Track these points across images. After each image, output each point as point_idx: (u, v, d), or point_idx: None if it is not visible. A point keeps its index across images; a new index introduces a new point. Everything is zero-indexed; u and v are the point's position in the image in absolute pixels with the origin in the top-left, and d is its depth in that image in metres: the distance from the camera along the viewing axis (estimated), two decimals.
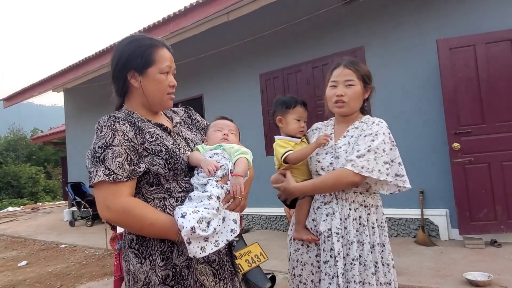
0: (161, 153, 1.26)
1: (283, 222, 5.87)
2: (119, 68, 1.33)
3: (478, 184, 4.08)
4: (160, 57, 1.33)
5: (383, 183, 1.62)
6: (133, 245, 1.27)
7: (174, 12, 5.71)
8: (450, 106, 4.19)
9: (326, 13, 5.04)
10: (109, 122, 1.23)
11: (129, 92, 1.37)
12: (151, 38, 1.38)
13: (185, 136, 1.43)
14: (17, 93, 9.68)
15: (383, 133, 1.62)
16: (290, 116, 1.82)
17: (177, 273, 1.24)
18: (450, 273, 3.33)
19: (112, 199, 1.17)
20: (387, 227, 1.69)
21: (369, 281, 1.55)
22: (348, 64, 1.71)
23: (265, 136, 6.06)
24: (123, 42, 1.37)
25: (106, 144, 1.19)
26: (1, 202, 20.22)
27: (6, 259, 6.17)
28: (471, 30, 4.23)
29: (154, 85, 1.32)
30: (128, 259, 1.29)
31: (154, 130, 1.32)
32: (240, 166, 1.28)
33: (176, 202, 1.27)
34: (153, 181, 1.26)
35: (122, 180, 1.17)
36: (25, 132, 34.10)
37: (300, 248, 1.77)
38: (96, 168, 1.17)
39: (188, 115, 1.61)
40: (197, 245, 1.10)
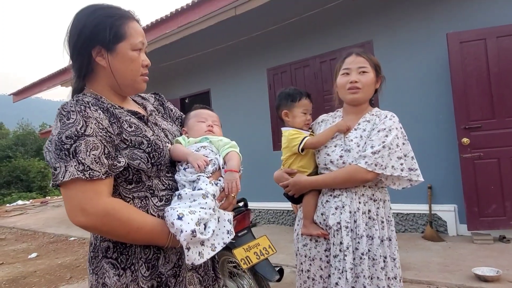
0: (142, 146, 1.07)
1: (290, 216, 5.88)
2: (81, 42, 1.08)
3: (487, 179, 4.04)
4: (132, 30, 1.11)
5: (395, 178, 1.61)
6: (109, 254, 1.07)
7: (182, 6, 5.71)
8: (459, 100, 4.15)
9: (335, 7, 5.00)
10: (78, 107, 1.00)
11: (93, 72, 1.13)
12: (120, 8, 1.15)
13: (162, 127, 1.25)
14: (26, 87, 9.78)
15: (396, 128, 1.61)
16: (297, 110, 1.81)
17: (163, 283, 1.09)
18: (459, 268, 3.31)
19: (89, 200, 0.95)
20: (394, 221, 1.68)
21: (378, 275, 1.54)
22: (361, 52, 1.71)
23: (272, 131, 6.05)
24: (86, 11, 1.11)
25: (77, 133, 0.96)
26: (11, 196, 20.52)
27: (16, 251, 6.27)
28: (481, 23, 4.17)
29: (125, 64, 1.11)
30: (102, 271, 1.06)
31: (130, 119, 1.12)
32: (234, 161, 1.17)
33: (160, 202, 1.11)
34: (133, 177, 1.08)
35: (100, 177, 0.96)
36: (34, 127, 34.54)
37: (308, 243, 1.75)
38: (65, 163, 0.94)
39: (160, 103, 1.40)
40: (195, 250, 0.97)
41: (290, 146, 1.77)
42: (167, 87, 7.69)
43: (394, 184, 1.63)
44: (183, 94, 7.55)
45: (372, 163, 1.53)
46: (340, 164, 1.65)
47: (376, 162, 1.53)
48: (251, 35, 5.98)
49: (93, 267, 1.10)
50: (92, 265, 1.11)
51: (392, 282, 1.57)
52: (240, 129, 6.27)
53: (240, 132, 6.12)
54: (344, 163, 1.63)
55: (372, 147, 1.56)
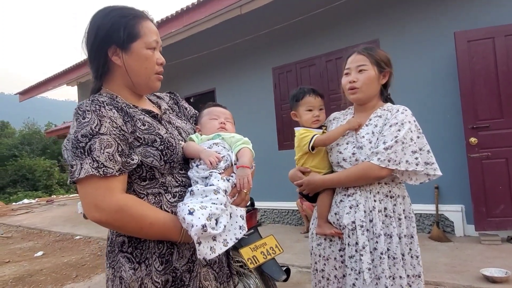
0: (155, 143, 1.10)
1: (295, 216, 5.86)
2: (97, 43, 1.13)
3: (495, 179, 4.00)
4: (146, 30, 1.14)
5: (411, 173, 1.56)
6: (124, 248, 1.10)
7: (187, 5, 5.71)
8: (467, 100, 4.11)
9: (340, 6, 4.98)
10: (93, 106, 1.04)
11: (109, 72, 1.17)
12: (134, 8, 1.18)
13: (176, 125, 1.27)
14: (32, 87, 9.85)
15: (409, 121, 1.57)
16: (301, 108, 1.81)
17: (178, 278, 1.10)
18: (466, 269, 3.28)
19: (103, 197, 0.98)
20: (414, 217, 1.63)
21: (400, 274, 1.49)
22: (362, 50, 1.68)
23: (277, 130, 6.03)
24: (101, 13, 1.15)
25: (92, 132, 1.00)
26: (17, 195, 20.69)
27: (23, 249, 6.31)
28: (489, 22, 4.13)
29: (139, 63, 1.14)
30: (119, 265, 1.10)
31: (144, 118, 1.15)
32: (245, 157, 1.18)
33: (173, 198, 1.13)
34: (146, 175, 1.10)
35: (114, 174, 1.00)
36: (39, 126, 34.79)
37: (322, 243, 1.72)
38: (81, 161, 0.98)
39: (174, 102, 1.43)
40: (207, 245, 0.98)
41: (301, 146, 1.75)
42: (172, 86, 7.70)
43: (411, 180, 1.58)
44: (188, 93, 7.56)
45: (385, 159, 1.50)
46: (353, 161, 1.62)
47: (389, 158, 1.50)
48: (256, 34, 5.96)
49: (110, 261, 1.14)
50: (109, 259, 1.15)
51: (414, 280, 1.53)
52: (245, 128, 6.22)
53: (245, 131, 6.01)
54: (357, 160, 1.60)
55: (385, 142, 1.53)
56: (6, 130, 33.08)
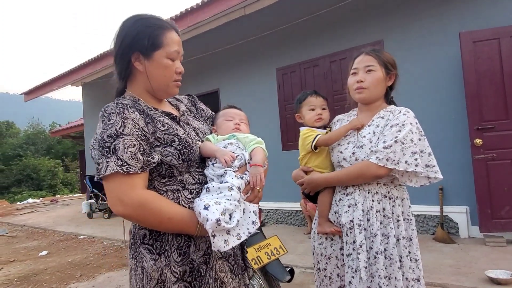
0: (174, 143, 1.18)
1: (298, 217, 5.86)
2: (123, 48, 1.22)
3: (501, 181, 3.97)
4: (168, 40, 1.22)
5: (411, 175, 1.56)
6: (146, 240, 1.18)
7: (192, 6, 5.73)
8: (472, 101, 4.09)
9: (344, 6, 4.97)
10: (117, 109, 1.13)
11: (132, 75, 1.26)
12: (160, 18, 1.26)
13: (194, 126, 1.35)
14: (37, 87, 9.90)
15: (410, 122, 1.58)
16: (304, 109, 1.86)
17: (195, 269, 1.17)
18: (471, 270, 3.27)
19: (126, 192, 1.07)
20: (414, 220, 1.63)
21: (395, 275, 1.50)
22: (370, 51, 1.70)
23: (281, 131, 6.04)
24: (130, 20, 1.24)
25: (116, 132, 1.09)
26: (21, 194, 20.83)
27: (27, 248, 6.34)
28: (495, 23, 4.11)
29: (159, 70, 1.22)
30: (141, 256, 1.18)
31: (163, 119, 1.23)
32: (258, 156, 1.25)
33: (190, 195, 1.20)
34: (166, 172, 1.18)
35: (136, 172, 1.08)
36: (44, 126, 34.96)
37: (324, 242, 1.74)
38: (107, 159, 1.07)
39: (192, 104, 1.52)
40: (221, 238, 1.05)
41: (304, 145, 1.78)
42: None
43: (411, 182, 1.58)
44: (192, 93, 7.57)
45: (383, 158, 1.51)
46: (353, 161, 1.63)
47: (387, 157, 1.50)
48: (260, 34, 5.97)
49: (133, 252, 1.22)
50: (131, 250, 1.23)
51: (413, 284, 1.53)
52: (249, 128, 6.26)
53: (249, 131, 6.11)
54: (357, 159, 1.62)
55: (384, 142, 1.54)
56: (11, 130, 33.27)
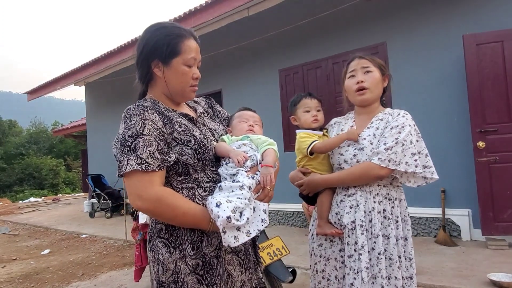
0: (190, 143, 1.24)
1: (300, 218, 5.86)
2: (144, 55, 1.30)
3: (503, 184, 3.97)
4: (186, 48, 1.29)
5: (410, 175, 1.61)
6: (162, 234, 1.26)
7: (196, 6, 5.75)
8: (475, 103, 4.08)
9: (348, 8, 4.98)
10: (138, 111, 1.21)
11: (152, 80, 1.34)
12: (180, 27, 1.33)
13: (210, 127, 1.42)
14: (40, 86, 9.94)
15: (409, 124, 1.62)
16: (299, 111, 1.85)
17: (207, 262, 1.23)
18: (473, 273, 3.26)
19: (144, 188, 1.15)
20: (410, 220, 1.67)
21: (396, 275, 1.53)
22: (363, 55, 1.75)
23: (283, 132, 6.04)
24: (151, 28, 1.33)
25: (137, 133, 1.16)
26: (23, 193, 20.88)
27: (29, 247, 6.37)
28: (498, 25, 4.11)
29: (177, 77, 1.30)
30: (157, 249, 1.26)
31: (181, 120, 1.30)
32: (270, 156, 1.30)
33: (204, 192, 1.26)
34: (182, 171, 1.25)
35: (154, 170, 1.15)
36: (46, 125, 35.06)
37: (323, 243, 1.75)
38: (127, 157, 1.15)
39: (209, 106, 1.59)
40: (231, 234, 1.11)
41: (300, 148, 1.79)
42: None
43: (410, 182, 1.62)
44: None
45: (386, 159, 1.54)
46: (354, 163, 1.65)
47: (389, 158, 1.54)
48: (263, 36, 5.98)
49: (150, 245, 1.30)
50: (149, 244, 1.31)
51: (406, 281, 1.56)
52: None
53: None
54: (358, 161, 1.64)
55: (385, 143, 1.57)
56: (14, 129, 33.39)
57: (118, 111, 10.17)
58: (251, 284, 1.35)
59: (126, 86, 8.59)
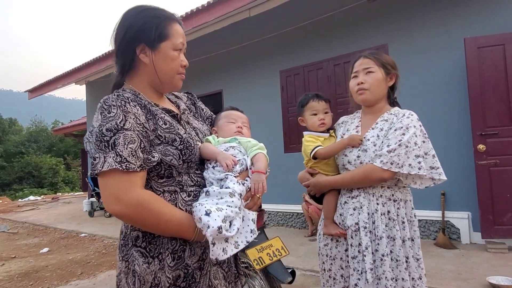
0: (175, 143, 1.12)
1: (299, 219, 5.86)
2: (127, 40, 1.16)
3: (503, 187, 3.96)
4: (174, 32, 1.19)
5: (415, 177, 1.60)
6: (138, 243, 1.12)
7: (197, 7, 5.75)
8: (476, 106, 4.09)
9: (350, 10, 4.98)
10: (118, 101, 1.06)
11: (134, 69, 1.21)
12: (165, 10, 1.22)
13: (194, 125, 1.30)
14: (41, 84, 9.94)
15: (414, 125, 1.61)
16: (306, 113, 1.86)
17: (189, 274, 1.12)
18: (472, 276, 3.26)
19: (124, 190, 1.00)
20: (417, 221, 1.66)
21: (403, 276, 1.53)
22: (368, 54, 1.74)
23: (284, 133, 6.04)
24: (134, 10, 1.19)
25: (117, 126, 1.02)
26: (23, 191, 20.88)
27: (28, 245, 6.36)
28: (500, 29, 4.11)
29: (166, 62, 1.18)
30: (132, 259, 1.12)
31: (165, 116, 1.17)
32: (261, 162, 1.20)
33: (188, 197, 1.14)
34: (164, 172, 1.12)
35: (135, 170, 1.02)
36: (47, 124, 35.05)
37: (329, 243, 1.76)
38: (105, 154, 1.00)
39: (192, 102, 1.46)
40: (220, 246, 1.01)
41: (305, 152, 1.81)
42: None
43: (415, 184, 1.61)
44: (195, 94, 7.58)
45: (388, 161, 1.53)
46: (358, 164, 1.66)
47: (391, 160, 1.53)
48: (264, 36, 5.98)
49: (123, 254, 1.15)
50: (122, 253, 1.16)
51: (417, 282, 1.56)
52: (252, 130, 6.24)
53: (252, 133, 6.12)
54: (362, 162, 1.64)
55: (388, 145, 1.57)
56: (14, 127, 33.37)
57: None
58: None
59: None
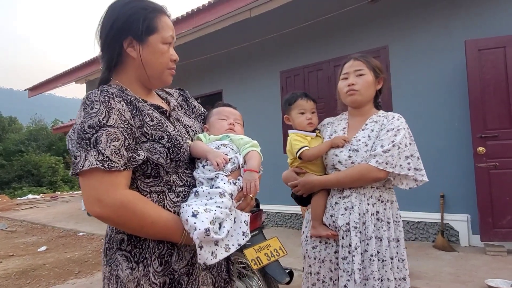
0: (162, 140, 1.07)
1: (298, 220, 5.84)
2: (113, 33, 1.10)
3: (503, 190, 3.95)
4: (163, 24, 1.13)
5: (402, 177, 1.64)
6: (123, 246, 1.06)
7: (198, 6, 5.75)
8: (476, 109, 4.08)
9: (351, 11, 4.97)
10: (102, 97, 1.00)
11: (121, 63, 1.14)
12: (153, 2, 1.17)
13: (184, 123, 1.25)
14: (41, 83, 9.94)
15: (404, 128, 1.65)
16: (293, 112, 1.83)
17: (175, 280, 1.06)
18: (471, 279, 3.25)
19: (106, 191, 0.94)
20: (401, 222, 1.68)
21: (388, 276, 1.54)
22: (358, 57, 1.76)
23: (283, 133, 6.04)
24: (120, 2, 1.12)
25: (99, 123, 0.96)
26: (22, 190, 20.85)
27: (26, 244, 6.35)
28: (501, 31, 4.11)
29: (155, 56, 1.12)
30: (116, 264, 1.06)
31: (152, 113, 1.12)
32: (254, 160, 1.14)
33: (177, 198, 1.09)
34: (151, 172, 1.07)
35: (119, 169, 0.96)
36: (46, 123, 35.06)
37: (318, 245, 1.74)
38: (86, 152, 0.94)
39: (184, 99, 1.40)
40: (208, 250, 0.95)
41: (292, 151, 1.78)
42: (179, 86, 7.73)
43: (402, 184, 1.66)
44: (195, 94, 7.58)
45: (383, 161, 1.56)
46: (349, 164, 1.66)
47: (386, 160, 1.56)
48: (265, 37, 5.98)
49: (107, 258, 1.09)
50: (106, 257, 1.10)
51: (400, 283, 1.57)
52: (251, 130, 6.24)
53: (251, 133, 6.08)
54: (353, 163, 1.65)
55: (382, 146, 1.59)
56: (14, 126, 33.37)
57: None
58: None
59: None
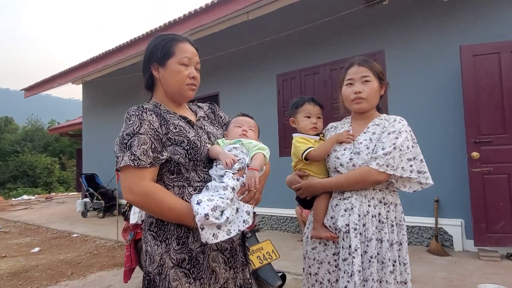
0: (183, 144, 1.33)
1: (293, 223, 5.84)
2: (145, 61, 1.44)
3: (497, 195, 3.97)
4: (179, 49, 1.41)
5: (405, 180, 1.61)
6: (152, 227, 1.35)
7: (195, 9, 5.76)
8: (470, 114, 4.10)
9: (347, 16, 5.00)
10: (137, 111, 1.32)
11: (154, 84, 1.47)
12: (176, 34, 1.47)
13: (207, 130, 1.50)
14: (38, 83, 9.90)
15: (406, 130, 1.63)
16: (299, 115, 1.85)
17: (193, 257, 1.30)
18: (464, 284, 3.25)
19: (135, 182, 1.25)
20: (405, 225, 1.66)
21: (387, 279, 1.52)
22: (362, 62, 1.73)
23: (279, 137, 6.04)
24: (152, 38, 1.50)
25: (133, 132, 1.27)
26: (16, 190, 20.70)
27: (20, 244, 6.29)
28: (495, 37, 4.14)
29: (172, 76, 1.40)
30: (146, 241, 1.37)
31: (178, 122, 1.39)
32: (257, 160, 1.34)
33: (194, 191, 1.33)
34: (174, 169, 1.33)
35: (145, 166, 1.25)
36: (43, 123, 34.85)
37: (317, 246, 1.75)
38: (123, 154, 1.25)
39: (212, 111, 1.68)
40: (210, 231, 1.16)
41: (296, 153, 1.79)
42: None
43: (405, 187, 1.63)
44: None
45: (384, 164, 1.55)
46: (350, 166, 1.65)
47: (387, 163, 1.55)
48: (262, 40, 6.00)
49: (143, 237, 1.41)
50: (143, 236, 1.42)
51: (400, 286, 1.56)
52: None
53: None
54: (354, 165, 1.64)
55: (383, 148, 1.58)
56: (10, 126, 33.16)
57: (115, 111, 10.15)
58: (236, 283, 1.42)
59: (123, 86, 8.57)
